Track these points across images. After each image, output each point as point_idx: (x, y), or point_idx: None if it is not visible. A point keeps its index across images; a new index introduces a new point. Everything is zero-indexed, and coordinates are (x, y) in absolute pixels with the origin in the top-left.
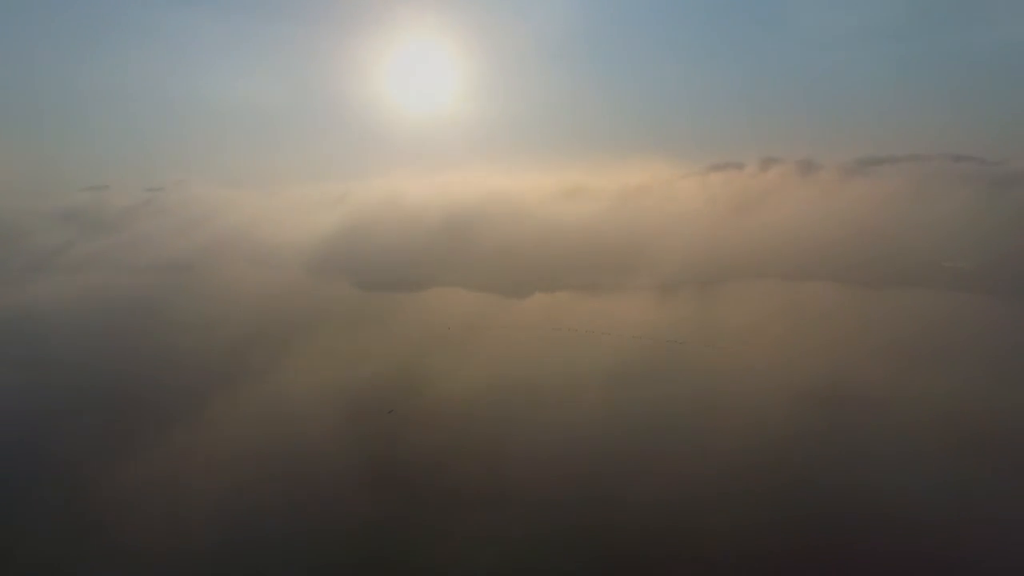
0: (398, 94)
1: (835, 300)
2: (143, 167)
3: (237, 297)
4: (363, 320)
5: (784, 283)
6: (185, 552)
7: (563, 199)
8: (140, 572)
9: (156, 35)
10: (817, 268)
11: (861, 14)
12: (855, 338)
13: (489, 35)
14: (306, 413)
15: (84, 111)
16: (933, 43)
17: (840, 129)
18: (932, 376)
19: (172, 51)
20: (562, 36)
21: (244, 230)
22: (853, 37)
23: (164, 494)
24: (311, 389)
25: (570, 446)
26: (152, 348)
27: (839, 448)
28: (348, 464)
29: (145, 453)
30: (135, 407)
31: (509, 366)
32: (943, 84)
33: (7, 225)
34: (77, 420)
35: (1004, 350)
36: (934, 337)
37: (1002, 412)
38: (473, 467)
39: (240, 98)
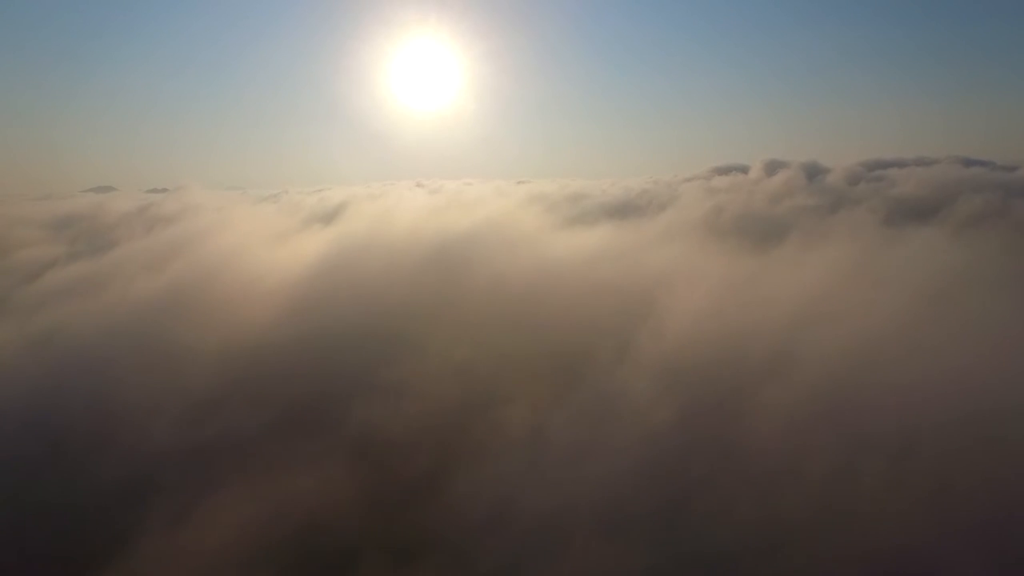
0: (402, 97)
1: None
2: (146, 167)
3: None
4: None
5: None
6: None
7: (565, 206)
8: None
9: (160, 36)
10: None
11: (866, 10)
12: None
13: (488, 37)
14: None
15: (92, 111)
16: (941, 38)
17: (844, 131)
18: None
19: (177, 52)
20: (563, 37)
21: (232, 255)
22: (858, 32)
23: None
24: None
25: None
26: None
27: None
28: None
29: None
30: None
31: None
32: (952, 82)
33: None
34: None
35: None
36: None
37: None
38: None
39: (244, 99)
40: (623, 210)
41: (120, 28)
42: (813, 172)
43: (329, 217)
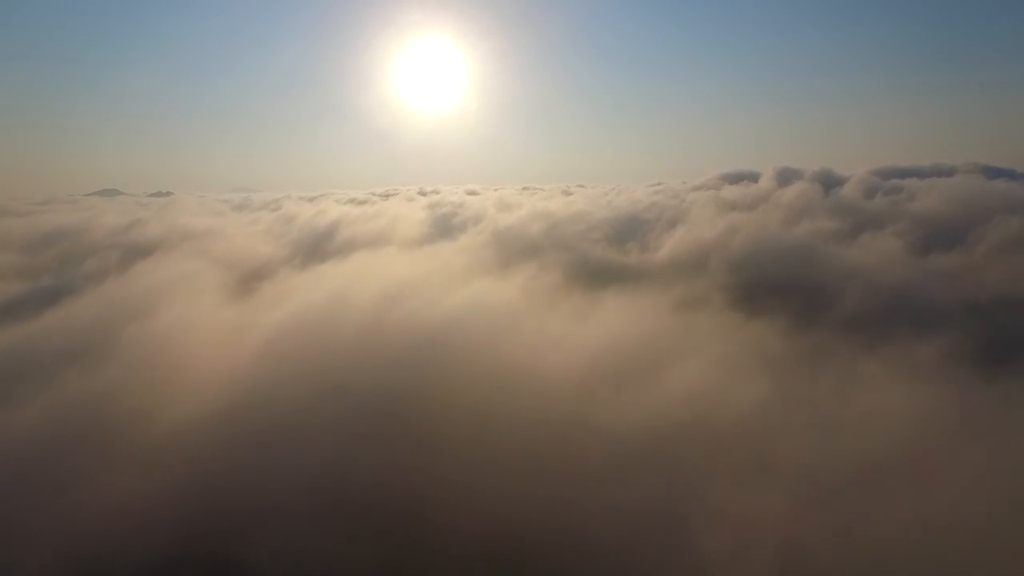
0: (409, 98)
1: None
2: (154, 169)
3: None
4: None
5: None
6: None
7: (568, 225)
8: None
9: (169, 38)
10: None
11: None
12: None
13: (493, 37)
14: None
15: (102, 113)
16: (942, 36)
17: (849, 130)
18: None
19: (185, 54)
20: (568, 37)
21: (156, 352)
22: (859, 30)
23: None
24: None
25: None
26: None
27: None
28: None
29: None
30: None
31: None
32: (956, 80)
33: None
34: None
35: None
36: None
37: None
38: None
39: (253, 102)
40: (631, 225)
41: (129, 31)
42: (827, 182)
43: (318, 240)
